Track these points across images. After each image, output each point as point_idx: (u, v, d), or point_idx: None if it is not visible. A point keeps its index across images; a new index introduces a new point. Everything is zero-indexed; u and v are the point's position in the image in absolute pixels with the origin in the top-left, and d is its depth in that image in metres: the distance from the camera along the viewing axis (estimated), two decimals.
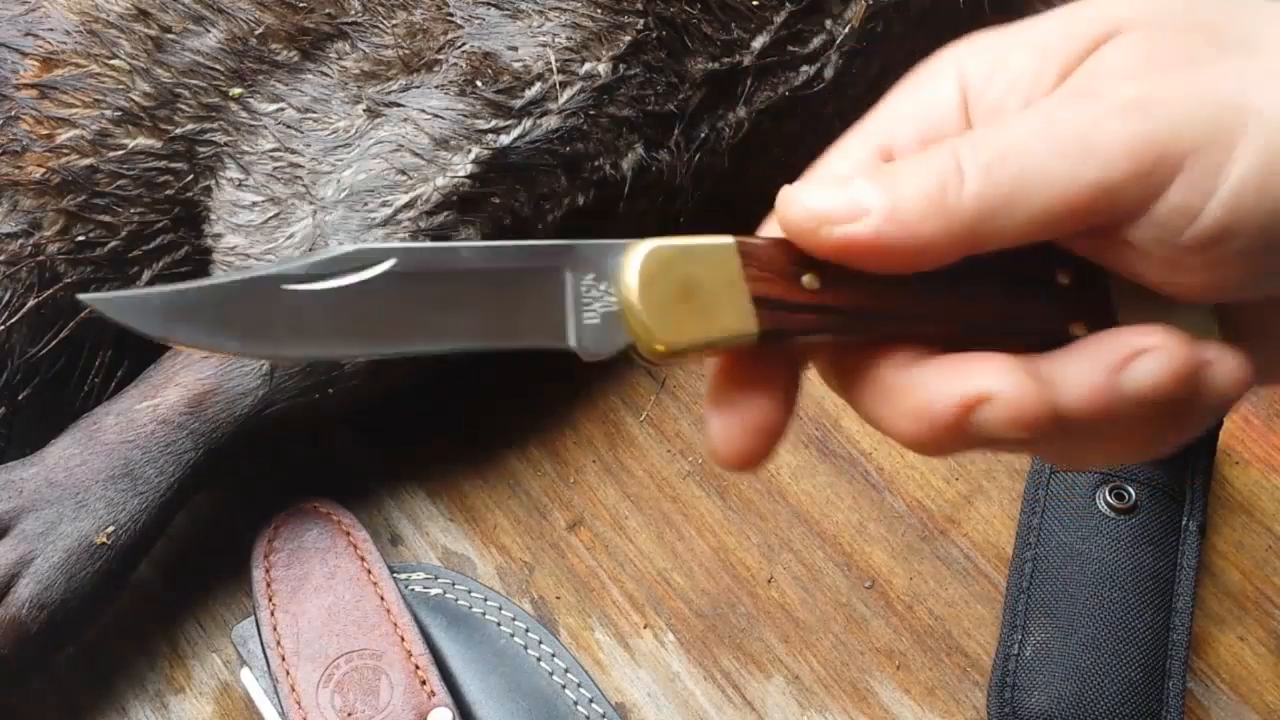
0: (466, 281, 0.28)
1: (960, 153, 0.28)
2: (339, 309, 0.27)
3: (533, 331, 0.29)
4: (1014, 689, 0.48)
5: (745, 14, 0.55)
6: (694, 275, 0.29)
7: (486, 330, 0.28)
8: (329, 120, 0.52)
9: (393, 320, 0.28)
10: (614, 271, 0.29)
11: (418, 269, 0.28)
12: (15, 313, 0.51)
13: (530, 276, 0.29)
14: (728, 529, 0.53)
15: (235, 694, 0.50)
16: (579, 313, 0.29)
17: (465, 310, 0.28)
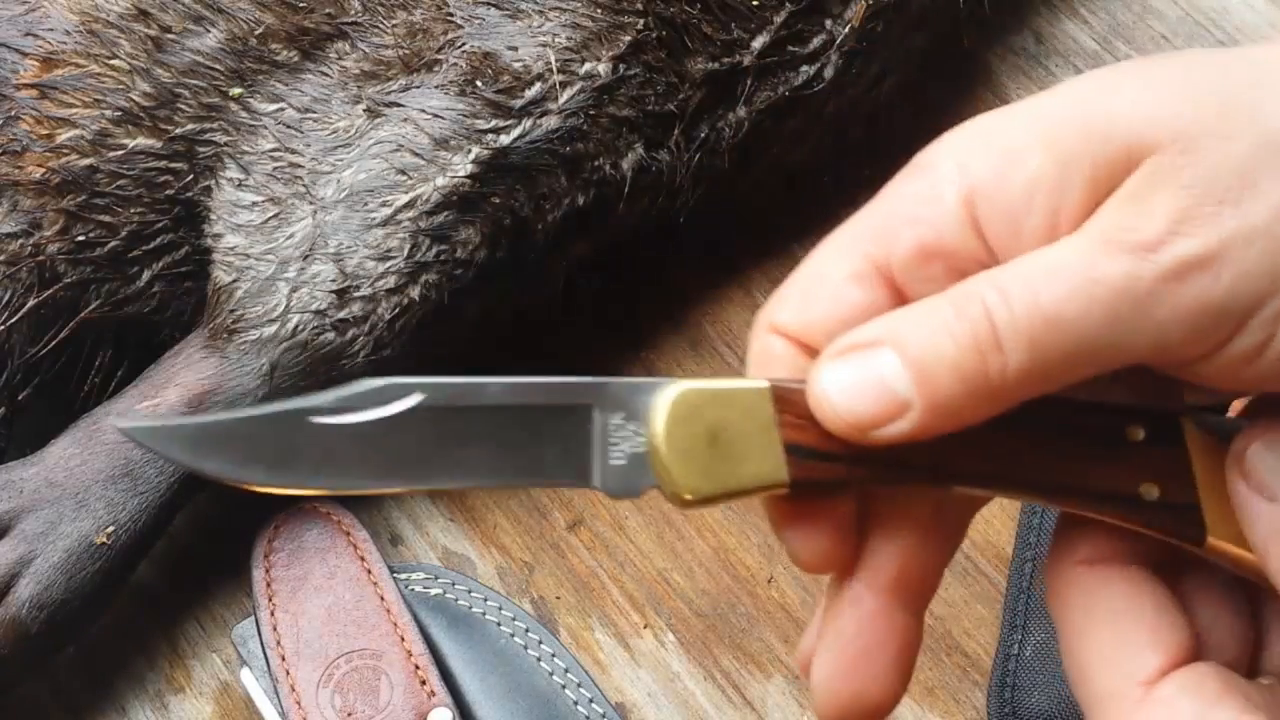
0: (493, 417, 0.28)
1: (997, 320, 0.25)
2: (365, 443, 0.27)
3: (557, 471, 0.28)
4: (1014, 689, 0.48)
5: (745, 14, 0.55)
6: (725, 420, 0.28)
7: (511, 468, 0.28)
8: (329, 120, 0.52)
9: (417, 455, 0.27)
10: (643, 412, 0.28)
11: (444, 403, 0.28)
12: (15, 313, 0.51)
13: (558, 413, 0.28)
14: (728, 529, 0.53)
15: (235, 694, 0.50)
16: (605, 452, 0.28)
17: (490, 447, 0.28)
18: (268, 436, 0.27)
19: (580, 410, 0.28)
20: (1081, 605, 0.29)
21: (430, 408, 0.28)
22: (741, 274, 0.60)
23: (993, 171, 0.27)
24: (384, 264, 0.50)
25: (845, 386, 0.27)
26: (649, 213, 0.56)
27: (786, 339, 0.29)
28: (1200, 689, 0.27)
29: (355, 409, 0.27)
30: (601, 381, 0.28)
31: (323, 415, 0.27)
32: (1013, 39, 0.66)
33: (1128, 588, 0.29)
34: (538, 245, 0.53)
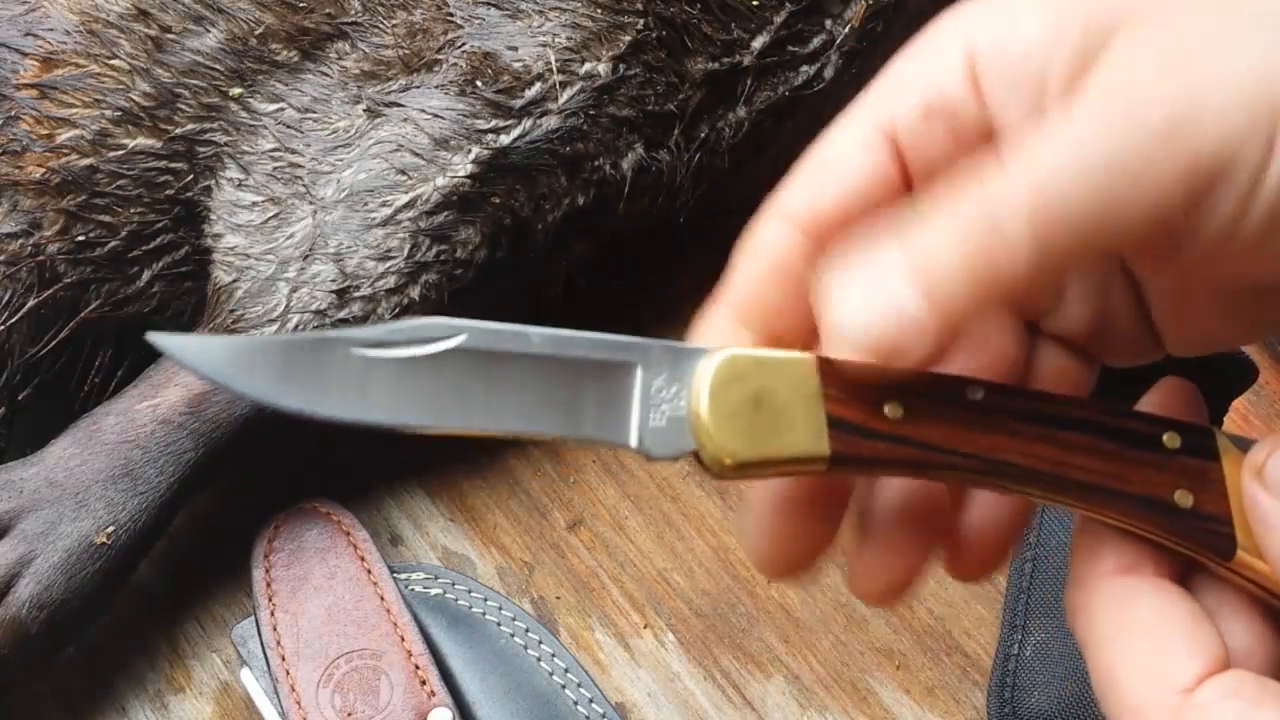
0: (535, 366, 0.28)
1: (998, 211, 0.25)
2: (405, 379, 0.27)
3: (595, 426, 0.28)
4: (1014, 689, 0.48)
5: (745, 14, 0.55)
6: (769, 388, 0.28)
7: (548, 418, 0.28)
8: (329, 120, 0.52)
9: (455, 396, 0.27)
10: (687, 375, 0.28)
11: (486, 347, 0.28)
12: (15, 313, 0.51)
13: (601, 369, 0.28)
14: (728, 529, 0.53)
15: (235, 694, 0.50)
16: (646, 413, 0.28)
17: (529, 395, 0.28)
18: (306, 361, 0.27)
19: (624, 368, 0.28)
20: (1113, 616, 0.29)
21: (472, 350, 0.27)
22: None
23: (992, 33, 0.27)
24: (384, 264, 0.50)
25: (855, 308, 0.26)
26: (649, 213, 0.56)
27: (793, 226, 0.29)
28: (1240, 693, 0.27)
29: (396, 343, 0.27)
30: (647, 342, 0.28)
31: (363, 347, 0.27)
32: None
33: (1160, 597, 0.29)
34: (538, 245, 0.53)
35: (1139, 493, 0.29)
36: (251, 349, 0.27)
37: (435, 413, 0.27)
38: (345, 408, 0.27)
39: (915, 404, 0.28)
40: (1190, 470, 0.29)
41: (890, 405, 0.28)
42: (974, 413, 0.28)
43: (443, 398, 0.27)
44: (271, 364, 0.27)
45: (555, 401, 0.28)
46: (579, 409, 0.28)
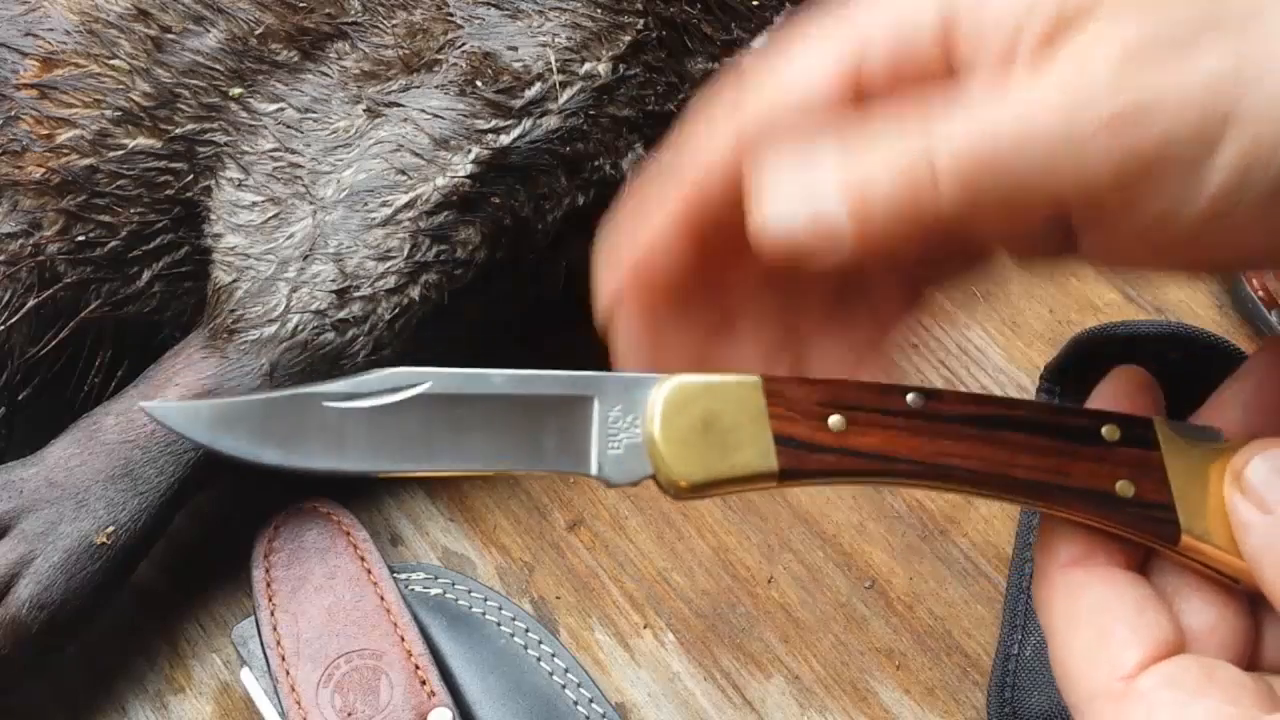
0: (497, 406, 0.29)
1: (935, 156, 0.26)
2: (375, 427, 0.29)
3: (557, 458, 0.30)
4: (1014, 689, 0.48)
5: (745, 14, 0.55)
6: (717, 411, 0.29)
7: (513, 454, 0.30)
8: (329, 120, 0.52)
9: (424, 439, 0.29)
10: (640, 404, 0.30)
11: (450, 391, 0.29)
12: (15, 313, 0.51)
13: (560, 404, 0.30)
14: (728, 529, 0.53)
15: (235, 694, 0.50)
16: (604, 442, 0.30)
17: (493, 434, 0.29)
18: (282, 418, 0.29)
19: (581, 401, 0.30)
20: (1063, 608, 0.30)
21: (437, 395, 0.29)
22: None
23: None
24: (384, 264, 0.50)
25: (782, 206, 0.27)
26: None
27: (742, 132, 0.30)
28: (1180, 681, 0.28)
29: (366, 394, 0.29)
30: (601, 375, 0.30)
31: (335, 400, 0.29)
32: None
33: (1105, 587, 0.30)
34: (538, 245, 0.53)
35: (1081, 485, 0.30)
36: (231, 411, 0.29)
37: (406, 457, 0.29)
38: (322, 459, 0.29)
39: (858, 416, 0.29)
40: (1131, 461, 0.30)
41: (834, 419, 0.29)
42: (915, 420, 0.30)
43: (412, 443, 0.29)
44: (251, 424, 0.29)
45: (518, 437, 0.30)
46: (541, 443, 0.30)
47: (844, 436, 0.29)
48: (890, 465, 0.29)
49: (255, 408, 0.29)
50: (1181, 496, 0.30)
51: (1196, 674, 0.28)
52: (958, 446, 0.30)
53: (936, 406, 0.30)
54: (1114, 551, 0.30)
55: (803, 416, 0.29)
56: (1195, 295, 0.59)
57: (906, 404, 0.30)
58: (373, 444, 0.29)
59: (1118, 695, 0.28)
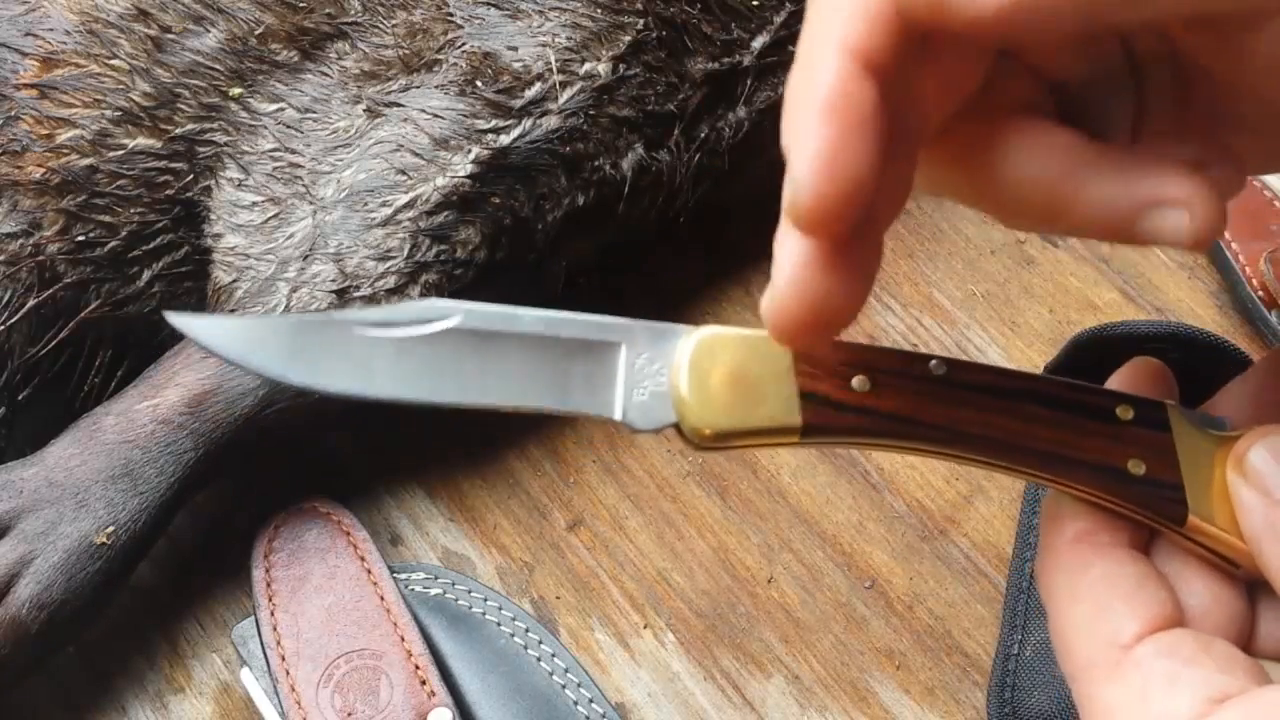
0: (525, 345, 0.30)
1: None
2: (404, 356, 0.29)
3: (582, 400, 0.30)
4: (1014, 689, 0.48)
5: (745, 14, 0.55)
6: (744, 364, 0.30)
7: (537, 393, 0.30)
8: (329, 120, 0.52)
9: (451, 373, 0.29)
10: (668, 353, 0.30)
11: (480, 327, 0.30)
12: (15, 313, 0.51)
13: (587, 348, 0.30)
14: (728, 529, 0.53)
15: (235, 694, 0.50)
16: (630, 388, 0.30)
17: (520, 371, 0.30)
18: (312, 339, 0.29)
19: (609, 346, 0.30)
20: (1066, 580, 0.30)
21: (467, 329, 0.30)
22: (741, 274, 0.60)
23: None
24: (384, 264, 0.50)
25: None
26: (649, 213, 0.56)
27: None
28: (1176, 650, 0.28)
29: (397, 324, 0.29)
30: (630, 322, 0.30)
31: (366, 326, 0.29)
32: None
33: (1108, 562, 0.30)
34: (538, 245, 0.53)
35: (1093, 461, 0.30)
36: (262, 328, 0.29)
37: (433, 388, 0.29)
38: (349, 383, 0.29)
39: (881, 378, 0.30)
40: (1143, 440, 0.31)
41: (858, 379, 0.30)
42: (936, 386, 0.30)
43: (440, 374, 0.29)
44: (281, 342, 0.29)
45: (545, 377, 0.30)
46: (567, 384, 0.30)
47: (866, 397, 0.30)
48: (910, 429, 0.30)
49: (286, 327, 0.29)
50: (1190, 479, 0.30)
51: (1192, 645, 0.29)
52: (977, 415, 0.30)
53: (959, 374, 0.31)
54: (1119, 530, 0.31)
55: (827, 375, 0.30)
56: (1195, 295, 0.59)
57: (929, 370, 0.30)
58: (400, 373, 0.29)
59: (1114, 662, 0.29)
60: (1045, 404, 0.30)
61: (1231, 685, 0.28)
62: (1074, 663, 0.30)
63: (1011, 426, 0.30)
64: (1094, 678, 0.29)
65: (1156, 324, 0.48)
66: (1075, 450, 0.30)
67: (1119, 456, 0.30)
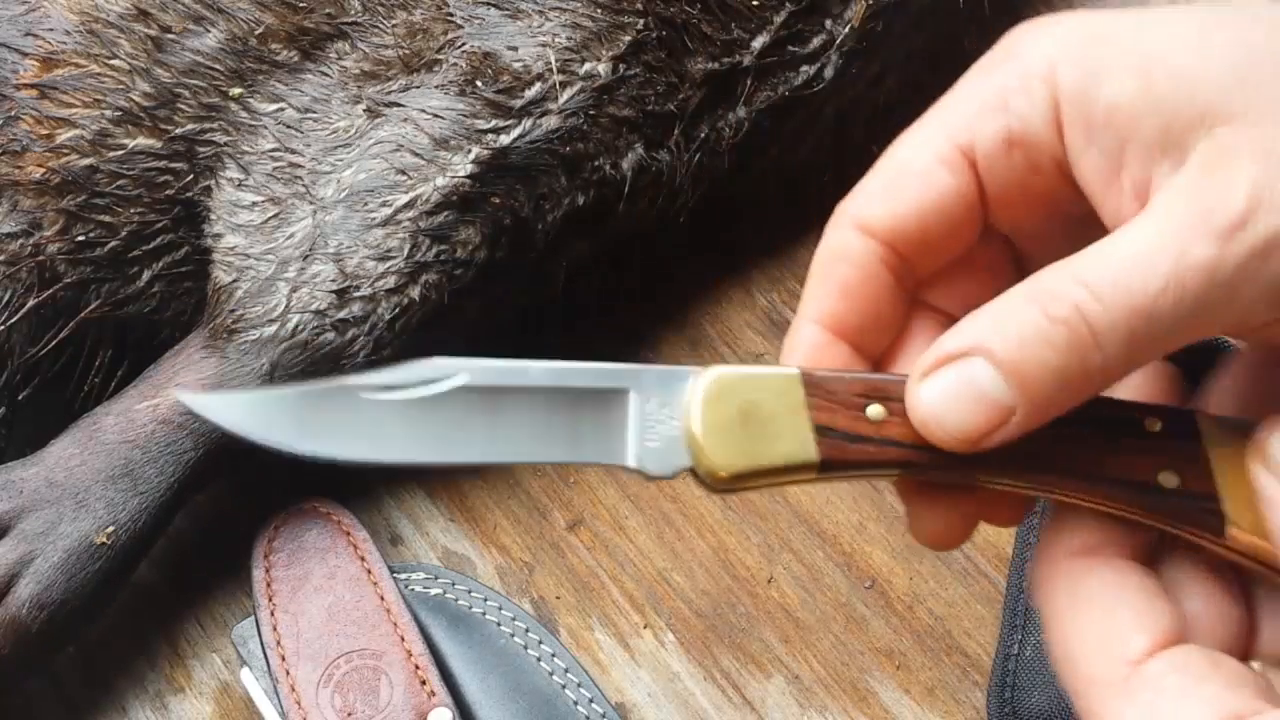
0: (534, 398, 0.29)
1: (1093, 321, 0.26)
2: (412, 418, 0.29)
3: (594, 450, 0.30)
4: (1014, 689, 0.48)
5: (745, 14, 0.55)
6: (756, 402, 0.29)
7: (549, 446, 0.30)
8: (329, 120, 0.52)
9: (461, 432, 0.29)
10: (678, 396, 0.30)
11: (488, 384, 0.29)
12: (15, 313, 0.51)
13: (596, 397, 0.30)
14: (728, 529, 0.53)
15: (235, 694, 0.50)
16: (642, 434, 0.30)
17: (530, 426, 0.29)
18: (319, 409, 0.29)
19: (618, 394, 0.30)
20: (1068, 592, 0.30)
21: (475, 387, 0.29)
22: (741, 274, 0.60)
23: (1079, 77, 0.28)
24: (384, 264, 0.50)
25: (947, 402, 0.28)
26: (649, 213, 0.56)
27: (869, 235, 0.30)
28: (1186, 666, 0.28)
29: (403, 386, 0.29)
30: (638, 368, 0.30)
31: (372, 392, 0.29)
32: None
33: (1114, 575, 0.30)
34: (538, 245, 0.53)
35: (1122, 476, 0.29)
36: (269, 402, 0.29)
37: (444, 448, 0.29)
38: (359, 449, 0.29)
39: (896, 406, 0.29)
40: (1173, 452, 0.30)
41: (873, 409, 0.29)
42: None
43: (450, 433, 0.29)
44: (289, 414, 0.29)
45: (555, 430, 0.29)
46: (578, 435, 0.29)
47: (883, 426, 0.29)
48: (929, 455, 0.29)
49: (293, 399, 0.29)
50: (1225, 488, 0.30)
51: (1202, 662, 0.28)
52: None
53: None
54: (1122, 542, 0.31)
55: (842, 407, 0.29)
56: None
57: None
58: (410, 435, 0.29)
59: (1124, 679, 0.28)
60: (1069, 421, 0.29)
61: (1244, 705, 0.27)
62: (1079, 677, 0.29)
63: (1035, 447, 0.29)
64: (1102, 694, 0.28)
65: None
66: (1103, 467, 0.30)
67: (1149, 470, 0.29)
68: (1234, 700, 0.27)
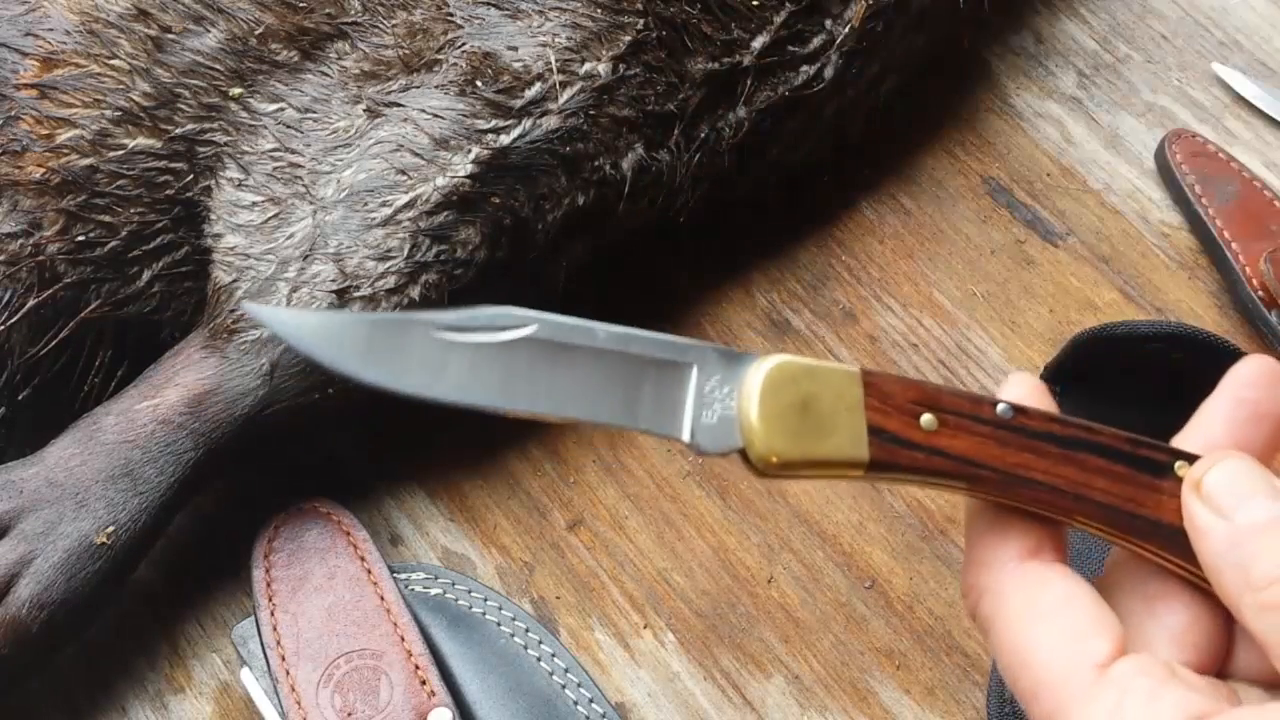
0: (598, 359, 0.30)
1: None
2: (478, 362, 0.29)
3: (651, 419, 0.30)
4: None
5: (745, 14, 0.55)
6: (815, 395, 0.30)
7: (607, 408, 0.30)
8: (329, 120, 0.52)
9: (524, 381, 0.29)
10: (739, 378, 0.30)
11: (555, 339, 0.30)
12: (15, 313, 0.51)
13: (659, 367, 0.30)
14: (728, 529, 0.53)
15: (235, 694, 0.50)
16: (699, 410, 0.30)
17: (591, 386, 0.30)
18: (389, 339, 0.29)
19: (681, 367, 0.30)
20: (1024, 598, 0.31)
21: (542, 339, 0.30)
22: (741, 274, 0.60)
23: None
24: (384, 264, 0.50)
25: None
26: (649, 213, 0.56)
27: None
28: (1151, 670, 0.29)
29: (474, 329, 0.30)
30: (704, 345, 0.30)
31: (443, 330, 0.29)
32: (1012, 39, 0.66)
33: (1066, 582, 0.31)
34: (538, 245, 0.53)
35: (1153, 517, 0.31)
36: (339, 325, 0.29)
37: (504, 395, 0.29)
38: (422, 384, 0.29)
39: (948, 419, 0.30)
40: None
41: (926, 418, 0.30)
42: (1002, 430, 0.30)
43: (512, 382, 0.29)
44: (357, 340, 0.29)
45: (615, 393, 0.30)
46: (636, 402, 0.30)
47: (934, 436, 0.30)
48: (974, 470, 0.30)
49: (363, 325, 0.29)
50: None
51: (1161, 667, 0.29)
52: (1039, 461, 0.30)
53: (1023, 420, 0.31)
54: (1056, 546, 0.32)
55: (897, 412, 0.30)
56: (1195, 295, 0.59)
57: (996, 414, 0.31)
58: (473, 377, 0.29)
59: (1090, 682, 0.29)
60: (1104, 455, 0.31)
61: (1208, 705, 0.28)
62: (1038, 681, 0.30)
63: (1074, 476, 0.30)
64: (1066, 696, 0.29)
65: (1156, 324, 0.48)
66: (1134, 505, 0.30)
67: (1178, 515, 0.30)
68: (1198, 700, 0.28)
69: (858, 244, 0.61)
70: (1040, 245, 0.61)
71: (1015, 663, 0.30)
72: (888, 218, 0.62)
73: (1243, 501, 0.29)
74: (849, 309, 0.59)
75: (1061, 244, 0.61)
